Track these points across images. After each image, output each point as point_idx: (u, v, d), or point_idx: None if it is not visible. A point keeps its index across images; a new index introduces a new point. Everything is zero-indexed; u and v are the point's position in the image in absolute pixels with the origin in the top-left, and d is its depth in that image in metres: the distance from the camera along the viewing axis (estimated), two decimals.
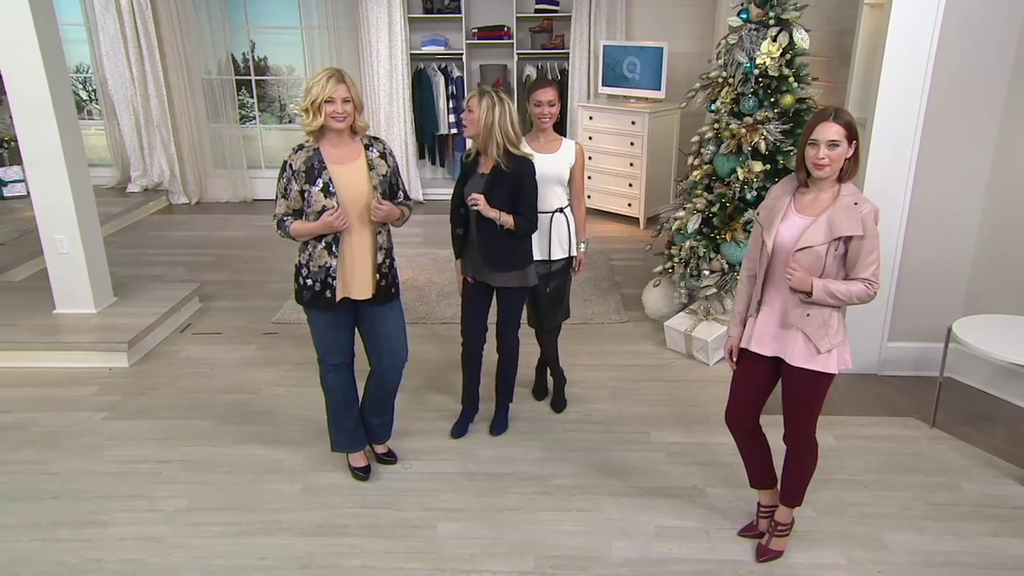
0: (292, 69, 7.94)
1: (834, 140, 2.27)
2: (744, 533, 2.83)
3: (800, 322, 2.40)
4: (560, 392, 3.72)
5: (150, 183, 7.43)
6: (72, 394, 3.84)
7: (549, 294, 3.44)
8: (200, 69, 7.22)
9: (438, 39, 7.12)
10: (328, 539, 2.81)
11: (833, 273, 2.35)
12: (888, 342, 3.94)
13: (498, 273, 3.17)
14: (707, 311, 4.26)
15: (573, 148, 3.35)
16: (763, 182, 4.00)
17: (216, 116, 7.35)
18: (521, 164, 3.05)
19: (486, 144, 3.01)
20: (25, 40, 3.95)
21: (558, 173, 3.32)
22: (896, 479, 3.14)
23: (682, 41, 6.66)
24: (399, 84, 7.01)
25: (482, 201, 3.02)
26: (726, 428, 2.72)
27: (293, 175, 2.77)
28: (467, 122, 3.06)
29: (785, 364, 2.46)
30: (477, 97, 3.00)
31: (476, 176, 3.13)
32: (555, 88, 3.26)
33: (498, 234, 3.09)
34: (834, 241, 2.30)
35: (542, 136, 3.32)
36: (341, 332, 2.96)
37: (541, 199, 3.32)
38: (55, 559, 2.72)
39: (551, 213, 3.35)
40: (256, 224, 6.82)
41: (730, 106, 4.10)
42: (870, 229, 2.29)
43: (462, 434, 3.47)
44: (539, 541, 2.80)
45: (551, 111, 3.24)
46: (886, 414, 3.63)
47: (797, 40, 3.91)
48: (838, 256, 2.33)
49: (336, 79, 2.66)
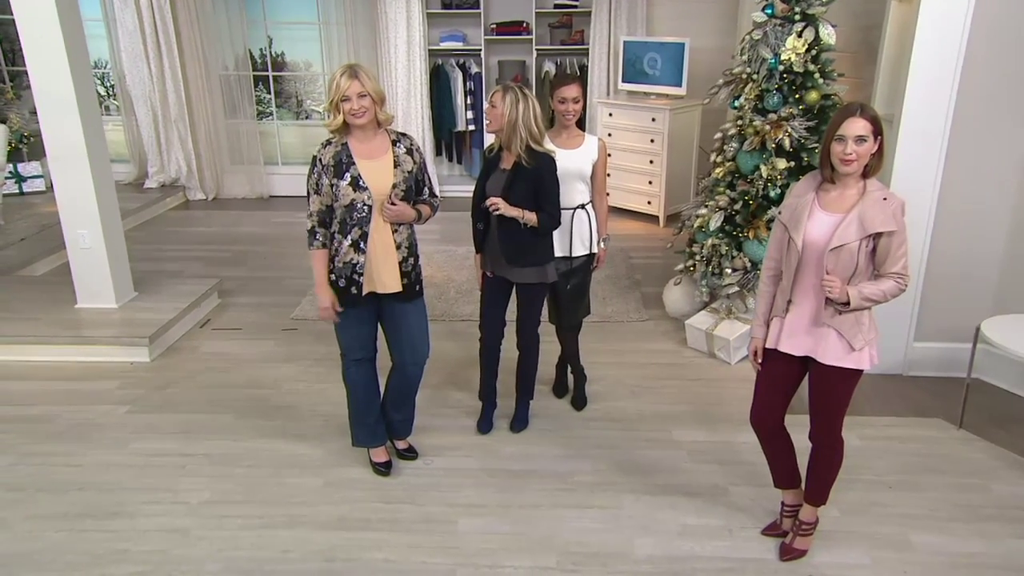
0: (309, 65, 8.02)
1: (861, 135, 2.29)
2: (768, 532, 2.86)
3: (832, 320, 2.42)
4: (581, 390, 3.77)
5: (167, 179, 7.55)
6: (95, 388, 3.93)
7: (570, 291, 3.48)
8: (217, 64, 7.32)
9: (456, 35, 7.18)
10: (351, 533, 2.87)
11: (864, 270, 2.37)
12: (914, 342, 3.95)
13: (517, 269, 3.22)
14: (729, 309, 4.29)
15: (596, 144, 3.39)
16: (787, 179, 4.02)
17: (233, 112, 7.44)
18: (543, 160, 3.09)
19: (510, 140, 3.06)
20: (50, 36, 4.04)
21: (580, 169, 3.36)
22: (922, 480, 3.16)
23: (703, 36, 6.67)
24: (417, 80, 7.08)
25: (502, 204, 3.06)
26: (748, 427, 2.75)
27: (323, 170, 2.83)
28: (490, 117, 3.10)
29: (814, 362, 2.49)
30: (501, 93, 3.04)
31: (498, 172, 3.18)
32: (579, 85, 3.31)
33: (519, 230, 3.14)
34: (866, 238, 2.33)
35: (564, 132, 3.37)
36: (364, 327, 3.02)
37: (563, 195, 3.36)
38: (82, 549, 2.80)
39: (573, 209, 3.39)
40: (273, 220, 6.91)
41: (754, 102, 4.12)
42: (900, 225, 2.32)
43: (488, 429, 3.53)
44: (561, 537, 2.85)
45: (575, 108, 3.29)
46: (912, 415, 3.64)
47: (823, 36, 3.92)
48: (868, 252, 2.35)
49: (349, 75, 2.69)
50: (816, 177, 2.48)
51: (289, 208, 7.27)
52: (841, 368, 2.44)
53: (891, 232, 2.31)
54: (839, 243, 2.34)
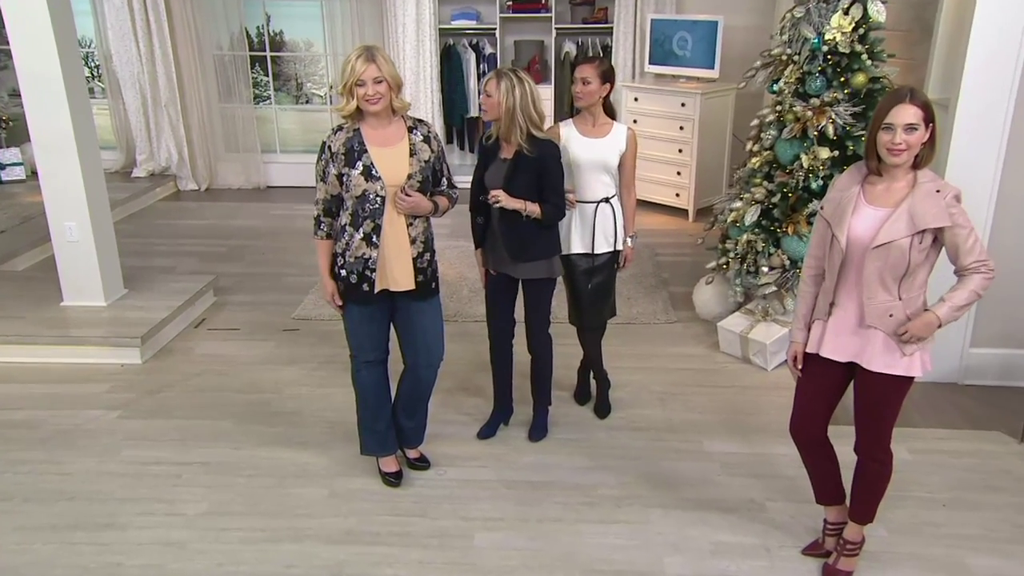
0: (310, 44, 8.09)
1: (911, 123, 2.29)
2: (809, 551, 2.88)
3: (881, 323, 2.43)
4: (604, 396, 3.80)
5: (157, 167, 7.65)
6: (83, 391, 4.00)
7: (591, 290, 3.51)
8: (211, 44, 7.41)
9: (469, 12, 7.22)
10: (359, 547, 2.92)
11: (920, 268, 2.38)
12: (970, 348, 3.95)
13: (522, 264, 3.26)
14: (765, 311, 4.31)
15: (624, 134, 3.42)
16: (830, 170, 4.03)
17: (228, 95, 7.53)
18: (545, 147, 3.13)
19: (508, 130, 3.10)
20: (36, 11, 4.09)
21: (604, 160, 3.39)
22: (979, 498, 3.17)
23: (738, 14, 6.68)
24: (426, 62, 7.13)
25: (503, 196, 3.10)
26: (787, 438, 2.77)
27: (332, 157, 2.87)
28: (486, 107, 3.15)
29: (860, 369, 2.51)
30: (495, 80, 3.09)
31: (497, 162, 3.21)
32: (593, 65, 3.32)
33: (522, 223, 3.18)
34: (918, 234, 2.34)
35: (591, 119, 3.40)
36: (376, 326, 3.06)
37: (584, 187, 3.40)
38: (73, 562, 2.86)
39: (595, 203, 3.42)
40: (271, 213, 6.99)
41: (794, 86, 4.14)
42: (959, 214, 2.32)
43: (489, 435, 3.58)
44: (584, 554, 2.88)
45: (584, 89, 3.31)
46: (968, 427, 3.65)
47: (872, 12, 3.93)
48: (924, 249, 2.35)
49: (365, 58, 2.73)
50: (861, 169, 2.49)
51: (288, 199, 7.34)
52: (890, 375, 2.46)
53: (949, 227, 2.32)
54: (886, 239, 2.34)
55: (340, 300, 3.02)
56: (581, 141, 3.38)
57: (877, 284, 2.41)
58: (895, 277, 2.39)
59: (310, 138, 8.14)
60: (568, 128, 3.43)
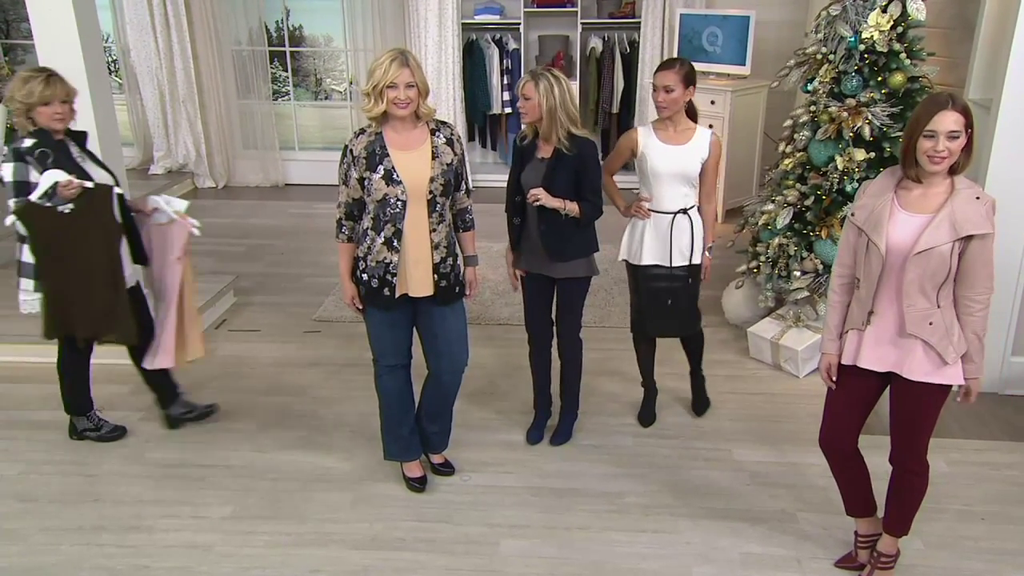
0: (330, 40, 8.20)
1: (953, 131, 2.32)
2: (841, 564, 2.92)
3: (922, 331, 2.46)
4: (701, 390, 3.89)
5: (174, 164, 7.78)
6: (106, 392, 4.10)
7: (670, 305, 3.51)
8: (230, 39, 7.53)
9: (492, 7, 7.29)
10: (384, 552, 3.00)
11: (954, 275, 2.42)
12: (1012, 356, 3.97)
13: (561, 264, 3.33)
14: (797, 317, 4.34)
15: (707, 139, 3.36)
16: (865, 172, 4.06)
17: (247, 91, 7.65)
18: (584, 146, 3.21)
19: (549, 130, 3.17)
20: (60, 8, 4.19)
21: (683, 169, 3.35)
22: (1020, 512, 3.19)
23: (771, 9, 6.69)
24: (448, 58, 7.20)
25: (543, 195, 3.17)
26: (818, 448, 2.81)
27: (353, 161, 2.95)
28: (525, 110, 3.20)
29: (897, 378, 2.55)
30: (532, 82, 3.14)
31: (535, 161, 3.28)
32: (674, 70, 3.26)
33: (561, 222, 3.26)
34: (959, 241, 2.38)
35: (671, 124, 3.36)
36: (399, 331, 3.14)
37: (661, 197, 3.40)
38: (100, 564, 2.96)
39: (672, 214, 3.40)
40: (290, 212, 7.10)
41: (829, 86, 4.16)
42: (993, 224, 2.37)
43: (538, 439, 3.66)
44: (611, 563, 2.95)
45: (667, 98, 3.26)
46: (1008, 439, 3.67)
47: (911, 10, 3.94)
48: (959, 255, 2.40)
49: (400, 62, 2.81)
50: (895, 174, 2.53)
51: (307, 198, 7.44)
52: (930, 384, 2.50)
53: (984, 235, 2.36)
54: (927, 246, 2.38)
55: (360, 304, 3.10)
56: (660, 149, 3.35)
57: (917, 291, 2.44)
58: (935, 284, 2.43)
59: (329, 135, 8.24)
60: (647, 134, 3.40)
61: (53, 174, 3.09)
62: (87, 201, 3.17)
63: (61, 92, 3.22)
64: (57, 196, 3.10)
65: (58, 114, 3.21)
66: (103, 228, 3.29)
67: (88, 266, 3.27)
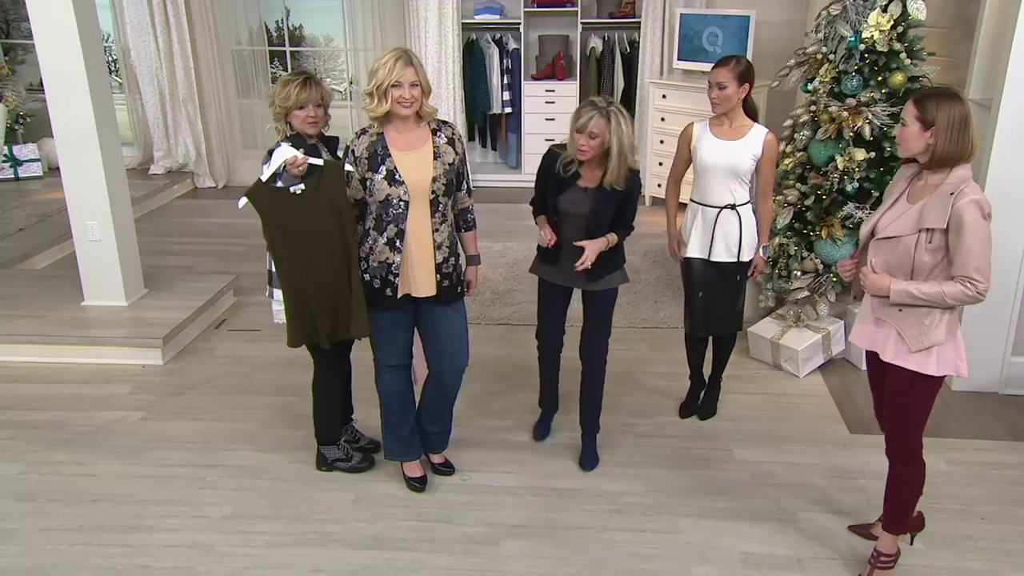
0: (330, 39, 8.21)
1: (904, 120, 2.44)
2: (855, 528, 3.03)
3: (891, 318, 2.54)
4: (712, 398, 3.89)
5: (174, 164, 7.79)
6: (106, 392, 4.12)
7: (704, 297, 3.52)
8: (230, 39, 7.54)
9: (493, 7, 7.30)
10: (384, 552, 3.01)
11: (928, 269, 2.44)
12: (1012, 356, 3.97)
13: (595, 283, 3.27)
14: (797, 317, 4.35)
15: (762, 138, 3.38)
16: (865, 172, 4.07)
17: (247, 91, 7.67)
18: (633, 181, 3.14)
19: (615, 170, 3.01)
20: (60, 8, 4.20)
21: (733, 164, 3.36)
22: (1020, 512, 3.20)
23: (771, 9, 6.70)
24: (449, 57, 7.21)
25: (592, 256, 3.07)
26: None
27: (355, 162, 2.96)
28: (588, 148, 3.01)
29: (886, 363, 2.61)
30: (600, 119, 2.96)
31: (575, 189, 3.15)
32: (728, 67, 3.28)
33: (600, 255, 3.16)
34: (925, 232, 2.41)
35: (727, 121, 3.40)
36: (399, 332, 3.15)
37: (708, 190, 3.42)
38: (100, 564, 2.97)
39: (718, 208, 3.41)
40: None
41: (830, 86, 4.18)
42: (969, 223, 2.33)
43: (545, 435, 3.67)
44: (611, 563, 2.95)
45: (720, 95, 3.29)
46: (1009, 438, 3.68)
47: (912, 10, 3.95)
48: (932, 249, 2.42)
49: (404, 62, 2.82)
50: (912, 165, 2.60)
51: None
52: (904, 369, 2.53)
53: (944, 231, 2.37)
54: (888, 234, 2.48)
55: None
56: (712, 143, 3.37)
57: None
58: (904, 273, 2.48)
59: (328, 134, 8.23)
60: (702, 127, 3.43)
61: (284, 150, 2.89)
62: (317, 180, 2.93)
63: (315, 96, 3.16)
64: (287, 173, 2.93)
65: (311, 118, 3.17)
66: (335, 208, 2.94)
67: (320, 250, 2.98)
